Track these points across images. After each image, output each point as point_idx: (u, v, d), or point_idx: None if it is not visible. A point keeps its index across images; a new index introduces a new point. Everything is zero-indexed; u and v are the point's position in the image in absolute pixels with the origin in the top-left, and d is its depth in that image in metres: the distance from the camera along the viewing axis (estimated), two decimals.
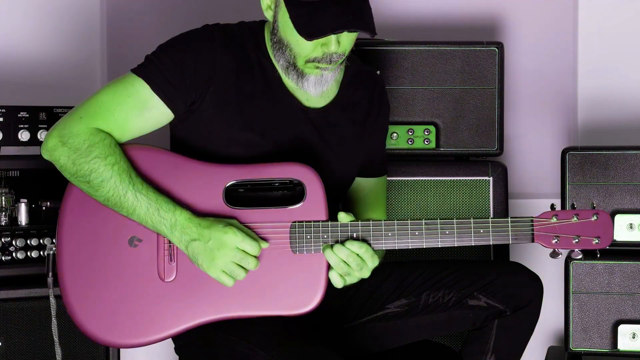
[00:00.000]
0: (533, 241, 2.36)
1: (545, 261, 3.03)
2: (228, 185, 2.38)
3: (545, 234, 2.35)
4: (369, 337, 2.58)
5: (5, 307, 2.71)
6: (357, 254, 2.34)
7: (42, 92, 3.22)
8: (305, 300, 2.35)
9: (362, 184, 2.68)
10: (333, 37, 2.36)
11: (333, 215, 2.38)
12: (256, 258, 2.34)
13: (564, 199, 2.95)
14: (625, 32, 3.39)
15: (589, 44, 3.41)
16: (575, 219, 2.36)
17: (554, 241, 2.36)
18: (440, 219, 2.37)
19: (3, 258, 2.72)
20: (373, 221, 2.37)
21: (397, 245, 2.37)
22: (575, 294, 2.92)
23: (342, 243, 2.34)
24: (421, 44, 3.03)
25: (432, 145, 3.03)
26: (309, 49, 2.39)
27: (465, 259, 3.01)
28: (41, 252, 2.75)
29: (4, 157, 2.77)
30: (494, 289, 2.50)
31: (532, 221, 2.36)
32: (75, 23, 3.35)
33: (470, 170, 3.04)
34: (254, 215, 2.37)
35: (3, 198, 2.74)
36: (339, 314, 2.57)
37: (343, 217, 2.36)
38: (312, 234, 2.36)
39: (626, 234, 2.93)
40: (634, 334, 2.89)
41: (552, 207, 2.38)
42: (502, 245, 3.03)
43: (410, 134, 3.03)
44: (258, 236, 2.36)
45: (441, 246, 2.36)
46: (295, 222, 2.36)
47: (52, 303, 2.52)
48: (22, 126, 2.79)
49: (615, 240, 2.93)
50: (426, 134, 3.03)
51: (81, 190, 2.39)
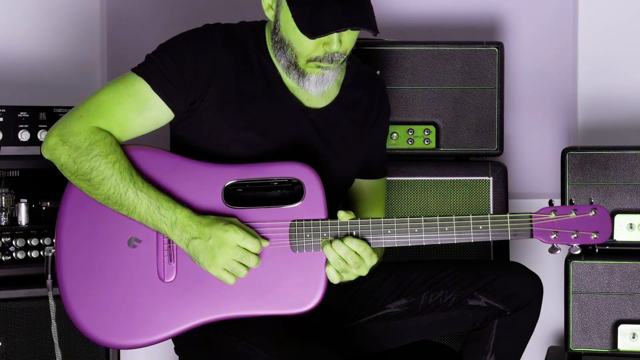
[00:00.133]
0: (532, 237, 2.36)
1: (546, 261, 3.04)
2: (227, 184, 2.38)
3: (543, 229, 2.35)
4: (369, 337, 2.57)
5: (5, 307, 2.71)
6: (355, 252, 2.33)
7: (42, 92, 3.22)
8: (305, 299, 2.35)
9: (362, 185, 2.68)
10: (335, 36, 2.36)
11: (333, 215, 2.38)
12: (257, 255, 2.34)
13: (563, 199, 2.95)
14: (625, 32, 3.39)
15: (589, 44, 3.41)
16: (574, 214, 2.36)
17: (552, 237, 2.35)
18: (439, 216, 2.37)
19: (3, 258, 2.72)
20: (372, 219, 2.37)
21: (396, 242, 2.36)
22: (575, 294, 2.92)
23: (341, 240, 2.34)
24: (421, 44, 3.03)
25: (432, 145, 3.03)
26: (310, 48, 2.39)
27: (465, 259, 3.01)
28: (41, 252, 2.75)
29: (4, 157, 2.77)
30: (494, 289, 2.50)
31: (530, 217, 2.36)
32: (75, 23, 3.35)
33: (470, 170, 3.04)
34: (253, 215, 2.37)
35: (3, 198, 2.74)
36: (339, 314, 2.57)
37: (343, 216, 2.36)
38: (312, 232, 2.36)
39: (626, 234, 2.93)
40: (634, 334, 2.88)
41: (551, 203, 2.38)
42: (502, 245, 3.02)
43: (410, 134, 3.03)
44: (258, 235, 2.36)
45: (441, 243, 2.36)
46: (295, 220, 2.36)
47: (51, 306, 2.52)
48: (22, 126, 2.79)
49: (615, 240, 2.93)
50: (426, 134, 3.03)
51: (80, 191, 2.39)
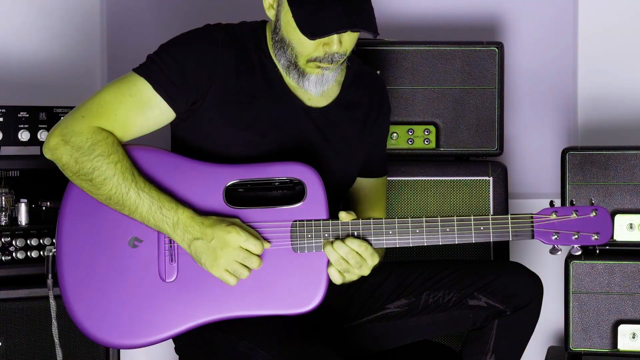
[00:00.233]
0: (533, 237, 2.36)
1: (546, 261, 3.04)
2: (228, 185, 2.38)
3: (545, 230, 2.35)
4: (369, 337, 2.57)
5: (5, 307, 2.71)
6: (356, 252, 2.33)
7: (42, 92, 3.22)
8: (306, 299, 2.35)
9: (363, 184, 2.68)
10: (335, 36, 2.36)
11: (334, 215, 2.38)
12: (259, 257, 2.34)
13: (564, 199, 2.95)
14: (625, 32, 3.39)
15: (589, 44, 3.41)
16: (575, 215, 2.36)
17: (553, 237, 2.35)
18: (440, 216, 2.37)
19: (3, 258, 2.71)
20: (374, 219, 2.37)
21: (398, 242, 2.36)
22: (575, 294, 2.92)
23: (342, 240, 2.34)
24: (421, 44, 3.03)
25: (432, 145, 3.03)
26: (310, 48, 2.39)
27: (465, 259, 3.01)
28: (41, 252, 2.75)
29: (4, 157, 2.77)
30: (494, 289, 2.50)
31: (531, 218, 2.36)
32: (75, 23, 3.35)
33: (470, 170, 3.04)
34: (255, 215, 2.37)
35: (3, 198, 2.74)
36: (339, 313, 2.57)
37: (344, 216, 2.36)
38: (313, 232, 2.36)
39: (626, 234, 2.93)
40: (634, 334, 2.89)
41: (552, 203, 2.38)
42: (503, 245, 3.03)
43: (410, 134, 3.03)
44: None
45: (442, 244, 2.36)
46: (296, 221, 2.36)
47: (52, 305, 2.51)
48: (22, 126, 2.79)
49: (615, 240, 2.93)
50: (426, 134, 3.03)
51: (81, 191, 2.39)
